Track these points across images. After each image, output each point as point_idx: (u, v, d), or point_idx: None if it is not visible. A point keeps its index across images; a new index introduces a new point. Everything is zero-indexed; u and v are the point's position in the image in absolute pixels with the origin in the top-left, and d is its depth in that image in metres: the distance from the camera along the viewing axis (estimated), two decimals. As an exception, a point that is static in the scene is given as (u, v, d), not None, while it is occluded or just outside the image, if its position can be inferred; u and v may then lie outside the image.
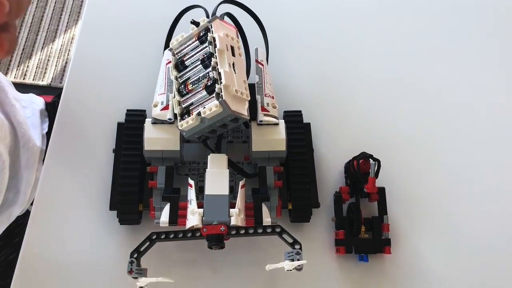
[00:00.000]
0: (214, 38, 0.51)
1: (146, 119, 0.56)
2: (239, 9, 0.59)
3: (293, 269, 0.46)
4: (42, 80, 1.58)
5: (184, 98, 0.52)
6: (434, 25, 0.72)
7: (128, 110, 0.59)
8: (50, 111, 0.77)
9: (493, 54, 0.70)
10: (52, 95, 0.86)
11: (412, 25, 0.72)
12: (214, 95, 0.49)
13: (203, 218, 0.49)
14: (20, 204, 0.65)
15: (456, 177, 0.61)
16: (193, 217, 0.49)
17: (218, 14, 0.54)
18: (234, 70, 0.51)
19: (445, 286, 0.55)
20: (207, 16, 0.56)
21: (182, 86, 0.53)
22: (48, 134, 0.71)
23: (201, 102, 0.51)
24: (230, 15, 0.57)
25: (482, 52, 0.70)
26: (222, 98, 0.48)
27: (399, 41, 0.70)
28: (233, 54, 0.52)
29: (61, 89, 0.65)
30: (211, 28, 0.52)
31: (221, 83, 0.49)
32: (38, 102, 0.76)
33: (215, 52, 0.50)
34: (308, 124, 0.60)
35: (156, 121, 0.55)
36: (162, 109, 0.55)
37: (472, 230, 0.58)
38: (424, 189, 0.60)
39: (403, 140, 0.63)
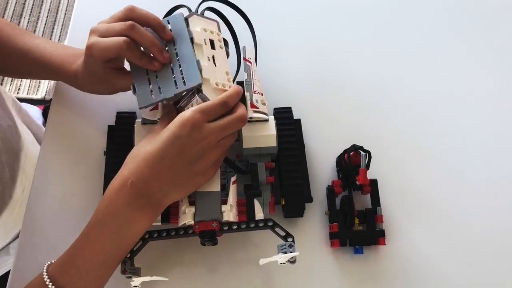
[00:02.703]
0: None
1: (136, 120, 0.56)
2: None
3: (287, 261, 0.46)
4: (36, 94, 1.58)
5: None
6: (423, 21, 0.72)
7: (118, 113, 0.59)
8: None
9: (484, 50, 0.70)
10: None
11: (402, 22, 0.72)
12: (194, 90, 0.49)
13: (195, 215, 0.49)
14: None
15: (448, 167, 0.61)
16: (185, 215, 0.49)
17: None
18: (214, 63, 0.51)
19: (440, 275, 0.55)
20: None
21: None
22: None
23: (187, 99, 0.51)
24: (213, 9, 0.57)
25: (473, 47, 0.70)
26: (201, 92, 0.48)
27: (388, 38, 0.70)
28: (213, 47, 0.52)
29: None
30: (188, 24, 0.52)
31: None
32: (36, 114, 0.75)
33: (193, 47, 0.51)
34: (299, 120, 0.61)
35: (146, 122, 0.55)
36: (151, 109, 0.55)
37: (465, 219, 0.58)
38: (416, 180, 0.60)
39: (394, 133, 0.63)
